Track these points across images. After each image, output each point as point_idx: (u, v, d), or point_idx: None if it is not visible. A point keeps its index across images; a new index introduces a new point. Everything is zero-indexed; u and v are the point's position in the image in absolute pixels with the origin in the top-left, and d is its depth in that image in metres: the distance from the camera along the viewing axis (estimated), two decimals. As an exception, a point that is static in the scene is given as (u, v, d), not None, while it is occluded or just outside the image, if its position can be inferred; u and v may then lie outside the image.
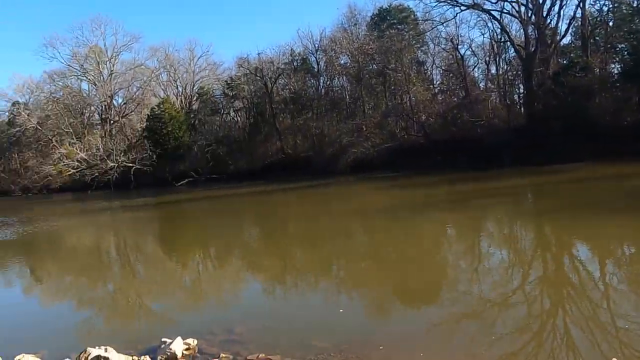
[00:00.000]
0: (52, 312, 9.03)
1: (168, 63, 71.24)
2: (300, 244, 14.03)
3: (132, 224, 24.11)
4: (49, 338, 7.01)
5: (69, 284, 11.91)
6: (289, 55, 57.21)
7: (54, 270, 13.82)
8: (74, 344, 6.32)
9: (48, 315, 8.77)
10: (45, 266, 14.54)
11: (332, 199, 26.85)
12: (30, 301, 10.22)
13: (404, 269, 9.83)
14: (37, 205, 45.02)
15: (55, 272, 13.62)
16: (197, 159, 56.08)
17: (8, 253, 17.23)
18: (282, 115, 58.33)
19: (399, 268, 9.98)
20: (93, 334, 7.11)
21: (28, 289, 11.47)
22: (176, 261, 13.56)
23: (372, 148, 41.88)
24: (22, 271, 14.14)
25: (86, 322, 8.02)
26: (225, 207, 27.69)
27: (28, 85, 79.23)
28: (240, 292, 9.49)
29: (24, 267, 14.80)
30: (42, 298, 10.52)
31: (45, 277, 13.07)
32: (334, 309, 7.43)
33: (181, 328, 6.84)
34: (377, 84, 49.58)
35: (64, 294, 10.79)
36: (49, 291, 11.19)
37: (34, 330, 7.59)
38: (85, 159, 61.40)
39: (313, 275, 10.14)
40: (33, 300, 10.37)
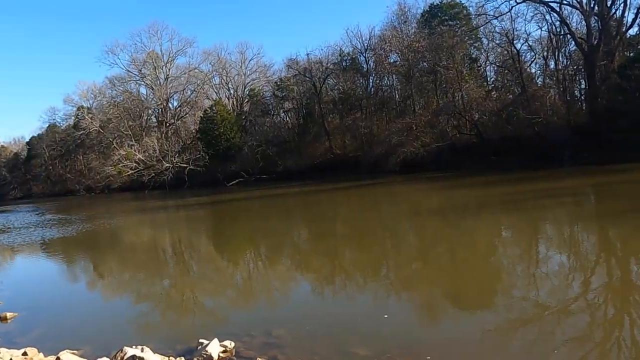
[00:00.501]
0: (100, 309, 9.16)
1: (220, 66, 73.31)
2: (348, 244, 13.92)
3: (185, 222, 24.94)
4: (94, 335, 7.13)
5: (121, 281, 12.28)
6: (337, 55, 57.27)
7: (108, 267, 14.34)
8: (116, 341, 6.37)
9: (96, 312, 8.87)
10: (102, 262, 15.20)
11: (381, 199, 26.53)
12: (81, 297, 10.40)
13: (455, 272, 9.48)
14: (99, 204, 47.66)
15: (109, 269, 14.11)
16: (248, 159, 57.27)
17: (69, 248, 18.33)
18: (331, 115, 58.45)
19: (450, 271, 9.65)
20: (137, 332, 7.21)
21: (83, 286, 11.93)
22: (225, 259, 13.84)
23: (422, 147, 41.06)
24: (74, 266, 14.87)
25: (133, 319, 8.15)
26: (275, 207, 28.03)
27: (92, 91, 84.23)
28: (284, 292, 9.42)
29: (78, 262, 15.61)
30: (94, 294, 10.79)
31: (101, 274, 13.49)
32: (380, 313, 7.11)
33: (221, 328, 6.91)
34: (427, 82, 48.58)
35: (115, 290, 11.06)
36: (102, 288, 11.50)
37: (83, 326, 7.76)
38: (142, 160, 64.29)
39: (360, 277, 9.91)
40: (84, 296, 10.57)
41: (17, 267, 15.63)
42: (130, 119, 75.51)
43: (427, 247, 12.47)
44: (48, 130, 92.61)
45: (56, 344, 6.43)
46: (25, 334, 7.32)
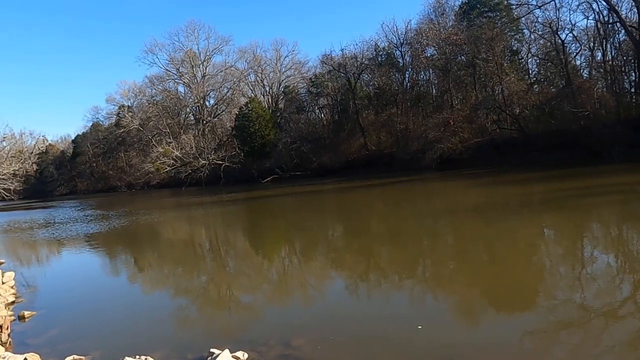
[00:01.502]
0: (120, 311, 8.69)
1: (256, 64, 73.97)
2: (382, 243, 13.49)
3: (220, 218, 25.13)
4: (106, 339, 6.88)
5: (148, 279, 12.06)
6: (372, 50, 56.57)
7: (137, 265, 14.29)
8: (127, 347, 6.16)
9: (116, 314, 8.44)
10: (132, 260, 15.31)
11: (417, 196, 25.89)
12: (103, 296, 9.99)
13: (494, 273, 8.94)
14: (138, 200, 48.98)
15: (138, 267, 14.01)
16: (282, 156, 57.48)
17: (102, 244, 18.75)
18: (366, 111, 57.86)
19: (489, 271, 9.12)
20: (150, 337, 6.82)
21: (108, 284, 11.69)
22: (254, 258, 13.62)
23: (460, 143, 39.97)
24: (104, 263, 15.07)
25: (149, 323, 7.72)
26: (309, 204, 27.86)
27: (132, 90, 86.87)
28: (311, 295, 9.00)
29: (108, 259, 15.84)
30: (117, 294, 10.28)
31: (129, 272, 13.35)
32: (413, 320, 6.49)
33: (239, 334, 6.54)
34: (465, 75, 47.21)
35: (138, 290, 10.85)
36: (127, 287, 11.11)
37: (98, 328, 7.53)
38: (179, 157, 65.71)
39: (392, 278, 9.44)
40: (107, 295, 10.12)
41: (48, 262, 15.89)
42: (168, 117, 77.35)
43: (464, 246, 11.90)
44: (92, 129, 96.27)
45: (66, 348, 6.28)
46: (39, 336, 7.19)
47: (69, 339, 6.90)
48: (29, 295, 10.14)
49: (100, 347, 6.33)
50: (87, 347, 6.32)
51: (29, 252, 18.63)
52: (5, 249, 19.37)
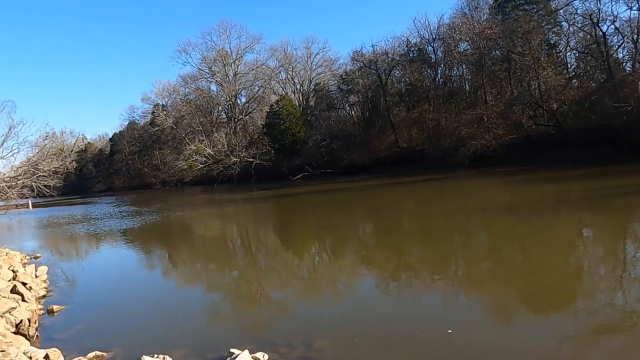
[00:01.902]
0: (147, 306, 8.65)
1: (287, 61, 74.25)
2: (413, 241, 13.20)
3: (251, 215, 25.31)
4: (130, 335, 6.85)
5: (178, 275, 12.02)
6: (404, 46, 55.82)
7: (167, 260, 14.46)
8: (150, 344, 6.16)
9: (143, 309, 8.41)
10: (162, 255, 15.58)
11: (449, 194, 25.33)
12: (131, 291, 10.01)
13: (529, 273, 8.54)
14: (172, 197, 50.02)
15: (167, 262, 14.14)
16: (312, 153, 57.53)
17: (134, 239, 19.18)
18: (397, 108, 57.19)
19: (524, 271, 8.73)
20: (173, 334, 6.66)
21: (137, 278, 11.76)
22: (282, 255, 13.54)
23: (494, 140, 38.94)
24: (134, 258, 15.37)
25: (174, 320, 7.51)
26: (339, 201, 27.70)
27: (166, 89, 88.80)
28: (338, 294, 8.72)
29: (139, 254, 16.15)
30: (145, 289, 10.27)
31: (158, 267, 13.47)
32: (443, 323, 6.16)
33: (262, 334, 6.40)
34: (500, 70, 45.94)
35: (167, 286, 10.76)
36: (154, 282, 11.15)
37: (124, 324, 7.51)
38: (211, 154, 66.74)
39: (422, 278, 9.13)
40: (135, 290, 10.14)
41: (83, 257, 16.26)
42: (201, 115, 78.69)
43: (498, 244, 11.50)
44: (128, 127, 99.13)
45: (90, 343, 6.29)
46: (65, 330, 7.25)
47: (93, 334, 6.92)
48: (61, 289, 10.29)
49: (123, 344, 6.31)
50: (110, 343, 6.31)
51: (66, 246, 19.21)
52: (44, 243, 20.07)
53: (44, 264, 12.73)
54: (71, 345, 6.33)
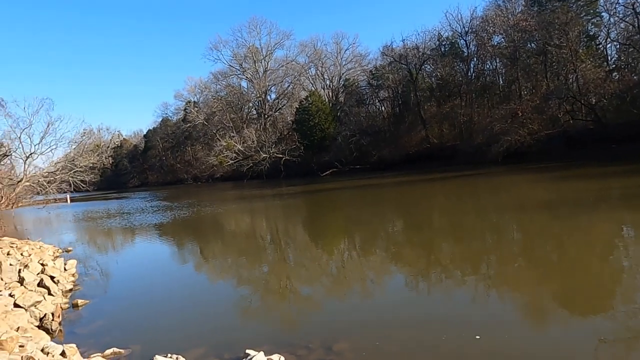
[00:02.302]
0: (172, 302, 8.49)
1: (316, 57, 74.20)
2: (443, 239, 12.88)
3: (281, 210, 25.41)
4: (150, 332, 6.83)
5: (206, 271, 11.96)
6: (435, 40, 54.85)
7: (195, 256, 14.47)
8: (168, 340, 6.16)
9: (166, 305, 8.26)
10: (191, 251, 15.77)
11: (481, 190, 24.71)
12: (157, 287, 9.92)
13: (565, 273, 8.14)
14: (202, 192, 50.81)
15: (196, 258, 14.15)
16: (341, 149, 57.32)
17: (165, 233, 19.51)
18: (428, 103, 56.30)
19: (560, 271, 8.33)
20: (192, 333, 6.45)
21: (164, 274, 11.58)
22: (308, 251, 13.42)
23: (528, 135, 37.78)
24: (163, 253, 15.58)
25: (195, 317, 7.40)
26: (368, 197, 27.46)
27: (198, 86, 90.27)
28: (363, 294, 8.40)
29: (167, 248, 16.37)
30: (171, 284, 10.12)
31: (186, 263, 13.41)
32: (471, 329, 5.77)
33: (280, 334, 6.30)
34: (535, 63, 44.50)
35: (194, 282, 10.44)
36: (182, 278, 10.88)
37: (145, 321, 7.49)
38: (241, 150, 67.44)
39: (452, 278, 8.82)
40: (161, 286, 9.99)
41: (114, 250, 16.50)
42: (232, 112, 79.59)
43: (532, 244, 11.07)
44: (161, 124, 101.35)
45: (110, 339, 6.31)
46: (87, 325, 7.28)
47: (114, 330, 6.93)
48: (88, 283, 10.38)
49: (142, 341, 6.29)
50: (130, 340, 6.29)
51: (99, 240, 19.68)
52: (78, 237, 20.64)
53: (75, 257, 12.97)
54: (92, 341, 6.37)
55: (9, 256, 10.84)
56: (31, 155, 34.77)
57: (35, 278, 8.73)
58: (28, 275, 8.77)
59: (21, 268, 9.35)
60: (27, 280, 8.52)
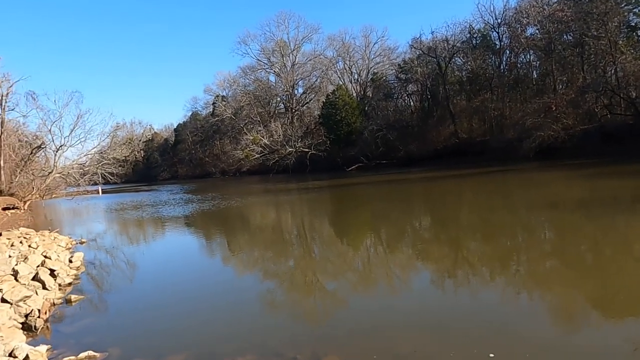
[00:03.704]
0: (165, 302, 7.90)
1: (344, 51, 73.60)
2: (471, 237, 12.30)
3: (306, 204, 25.29)
4: (133, 335, 6.45)
5: (217, 271, 11.28)
6: (466, 33, 53.46)
7: (203, 253, 14.17)
8: (150, 346, 5.85)
9: (158, 306, 7.73)
10: (202, 245, 15.76)
11: (512, 187, 23.84)
12: (156, 283, 9.49)
13: (599, 275, 7.61)
14: (229, 186, 51.19)
15: (203, 255, 13.77)
16: (368, 144, 56.66)
17: (195, 224, 19.57)
18: (457, 97, 55.02)
19: (593, 273, 7.78)
20: (180, 338, 6.06)
21: (167, 269, 11.08)
22: (333, 247, 13.15)
23: (562, 131, 36.36)
24: (173, 247, 15.55)
25: (186, 321, 6.78)
26: (395, 193, 26.92)
27: (227, 80, 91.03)
28: (366, 298, 7.74)
29: (179, 243, 16.37)
30: (171, 282, 9.48)
31: (191, 260, 12.80)
32: (484, 345, 5.15)
33: (270, 341, 5.73)
34: (571, 55, 42.77)
35: (198, 283, 9.44)
36: (184, 276, 10.07)
37: (133, 322, 7.06)
38: (267, 144, 67.62)
39: (479, 277, 8.37)
40: (159, 283, 9.52)
41: (130, 242, 16.32)
42: (259, 106, 79.87)
43: (564, 243, 10.44)
44: (191, 118, 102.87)
45: (92, 341, 5.93)
46: (74, 323, 6.88)
47: (100, 330, 6.56)
48: (91, 277, 10.02)
49: (124, 344, 5.91)
50: (113, 341, 5.94)
51: (118, 231, 19.84)
52: (98, 228, 20.85)
53: (89, 249, 12.96)
54: (72, 341, 6.01)
55: (12, 247, 10.73)
56: (61, 148, 35.62)
57: (31, 271, 8.48)
58: (23, 269, 8.47)
59: (18, 261, 9.12)
60: (21, 274, 8.20)
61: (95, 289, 9.04)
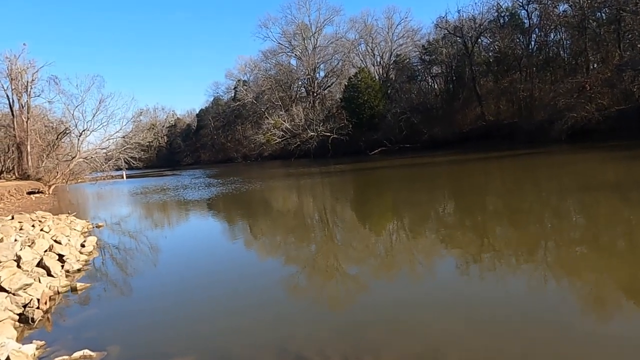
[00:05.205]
0: (169, 296, 7.15)
1: (366, 33, 72.06)
2: (498, 222, 11.59)
3: (328, 187, 24.85)
4: (137, 331, 5.83)
5: (230, 264, 10.07)
6: (494, 12, 51.38)
7: (214, 243, 13.30)
8: (153, 344, 5.26)
9: (162, 300, 7.00)
10: (214, 234, 15.38)
11: (542, 171, 22.75)
12: (164, 275, 8.73)
13: (634, 262, 6.98)
14: (253, 170, 51.09)
15: (214, 245, 12.82)
16: (391, 127, 55.49)
17: (214, 208, 19.27)
18: (484, 79, 53.26)
19: (628, 261, 7.13)
20: (184, 338, 5.39)
21: (179, 259, 10.12)
22: (356, 232, 12.65)
23: (597, 112, 34.67)
24: (186, 234, 15.22)
25: (197, 319, 6.03)
26: (418, 177, 26.13)
27: (248, 65, 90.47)
28: (398, 280, 7.35)
29: (192, 228, 16.04)
30: (180, 274, 8.63)
31: (202, 249, 11.93)
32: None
33: (286, 347, 4.99)
34: (607, 32, 40.60)
35: (209, 275, 8.34)
36: (194, 267, 9.17)
37: (137, 315, 6.44)
38: (289, 128, 67.05)
39: (506, 265, 7.71)
40: (167, 275, 8.67)
41: (148, 227, 15.82)
42: (280, 90, 79.19)
43: (597, 228, 9.66)
44: (213, 103, 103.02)
45: (92, 335, 5.45)
46: (76, 315, 6.36)
47: (101, 324, 5.96)
48: (102, 263, 9.49)
49: (125, 342, 5.32)
50: (113, 338, 5.38)
51: (138, 215, 19.66)
52: (119, 212, 20.78)
53: (105, 233, 12.61)
54: (70, 336, 5.48)
55: (21, 231, 10.29)
56: (84, 132, 35.88)
57: (36, 257, 7.89)
58: (26, 254, 7.89)
59: (24, 245, 8.61)
60: (24, 260, 7.63)
61: (104, 276, 8.51)
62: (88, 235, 11.86)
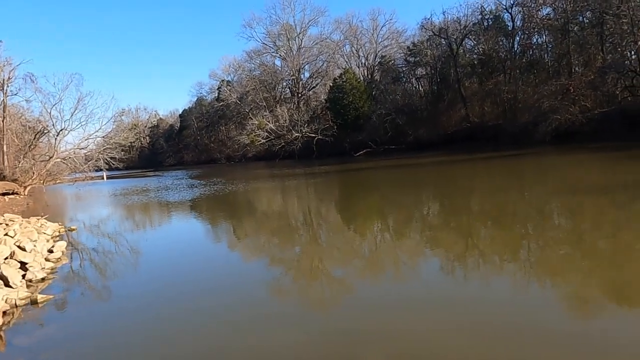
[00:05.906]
0: (138, 310, 6.55)
1: (351, 34, 71.83)
2: (482, 223, 11.39)
3: (313, 189, 24.45)
4: (94, 354, 5.13)
5: (218, 270, 9.61)
6: (478, 14, 51.57)
7: (190, 247, 13.00)
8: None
9: (134, 313, 6.43)
10: (191, 238, 14.88)
11: (526, 173, 22.69)
12: (131, 284, 8.08)
13: (618, 263, 6.90)
14: (236, 171, 50.34)
15: (189, 250, 12.46)
16: (376, 128, 55.27)
17: (202, 208, 18.68)
18: (468, 80, 53.41)
19: (612, 261, 7.08)
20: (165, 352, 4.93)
21: (159, 271, 9.50)
22: (340, 234, 12.25)
23: (580, 114, 34.90)
24: (160, 238, 14.70)
25: (172, 334, 5.45)
26: (403, 178, 25.91)
27: (232, 65, 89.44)
28: (383, 281, 7.13)
29: (166, 232, 15.50)
30: (155, 284, 7.86)
31: (178, 255, 10.99)
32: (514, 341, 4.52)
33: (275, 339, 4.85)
34: (590, 35, 40.95)
35: (184, 286, 7.50)
36: (173, 275, 8.42)
37: (100, 332, 5.73)
38: (273, 129, 66.40)
39: (490, 266, 7.57)
40: (134, 285, 8.02)
41: (124, 230, 15.09)
42: (265, 91, 78.40)
43: (581, 230, 9.56)
44: (196, 104, 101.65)
45: (48, 358, 4.96)
46: (32, 333, 5.75)
47: (61, 344, 5.35)
48: (69, 272, 8.82)
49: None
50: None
51: (115, 217, 18.92)
52: (95, 214, 20.03)
53: (78, 236, 12.02)
54: (23, 359, 4.92)
55: None
56: (62, 132, 34.81)
57: None
58: None
59: None
60: None
61: (70, 287, 7.77)
62: (58, 240, 11.14)
